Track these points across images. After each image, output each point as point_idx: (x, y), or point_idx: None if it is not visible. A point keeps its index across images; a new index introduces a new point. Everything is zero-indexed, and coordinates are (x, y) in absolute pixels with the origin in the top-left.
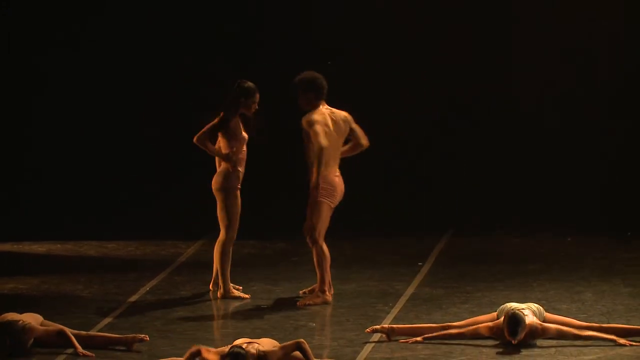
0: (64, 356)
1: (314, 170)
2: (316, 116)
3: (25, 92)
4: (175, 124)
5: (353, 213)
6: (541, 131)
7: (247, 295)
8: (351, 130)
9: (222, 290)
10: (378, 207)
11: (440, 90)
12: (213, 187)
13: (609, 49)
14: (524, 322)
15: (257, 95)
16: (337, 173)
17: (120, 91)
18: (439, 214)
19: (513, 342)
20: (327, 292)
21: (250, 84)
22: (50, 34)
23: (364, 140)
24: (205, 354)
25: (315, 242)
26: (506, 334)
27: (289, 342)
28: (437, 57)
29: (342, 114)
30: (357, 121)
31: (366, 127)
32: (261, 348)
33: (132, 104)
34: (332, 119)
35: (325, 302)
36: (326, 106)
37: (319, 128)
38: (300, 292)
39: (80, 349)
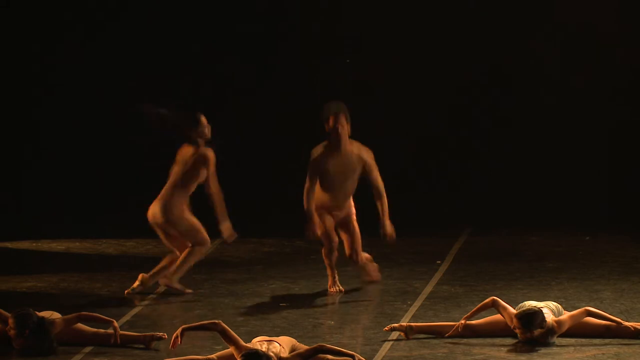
0: (81, 355)
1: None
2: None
3: (34, 90)
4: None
5: (371, 212)
6: (559, 130)
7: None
8: None
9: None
10: (396, 206)
11: (457, 90)
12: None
13: (610, 48)
14: (536, 315)
15: (203, 120)
16: None
17: (138, 88)
18: (457, 212)
19: (528, 336)
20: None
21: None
22: (51, 34)
23: None
24: (225, 336)
25: (360, 259)
26: (519, 330)
27: (308, 349)
28: (451, 57)
29: None
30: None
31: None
32: (282, 355)
33: (151, 101)
34: None
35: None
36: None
37: None
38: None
39: (115, 325)
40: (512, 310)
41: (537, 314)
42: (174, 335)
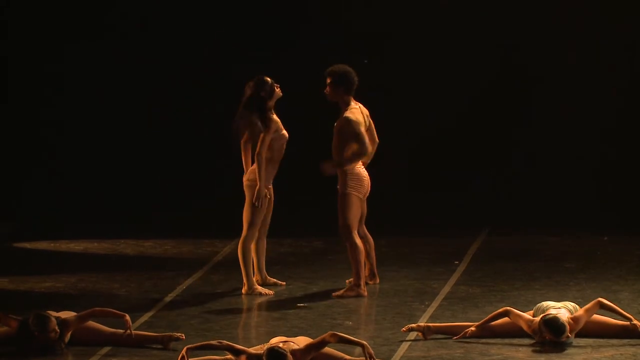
0: (97, 357)
1: (345, 164)
2: (355, 116)
3: (46, 90)
4: (212, 124)
5: (389, 211)
6: (573, 132)
7: (270, 292)
8: (369, 125)
9: (245, 286)
10: (414, 206)
11: (472, 89)
12: (244, 183)
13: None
14: (562, 320)
15: (270, 80)
16: (361, 165)
17: (157, 90)
18: (475, 212)
19: (556, 340)
20: (362, 286)
21: (260, 77)
22: (60, 34)
23: (376, 137)
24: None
25: (348, 236)
26: (552, 337)
27: (318, 339)
28: (468, 57)
29: (365, 109)
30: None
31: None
32: (296, 348)
33: (168, 104)
34: (362, 116)
35: (359, 296)
36: (354, 102)
37: (362, 130)
38: (347, 281)
39: (127, 319)
40: (527, 317)
41: (559, 317)
42: (179, 356)
